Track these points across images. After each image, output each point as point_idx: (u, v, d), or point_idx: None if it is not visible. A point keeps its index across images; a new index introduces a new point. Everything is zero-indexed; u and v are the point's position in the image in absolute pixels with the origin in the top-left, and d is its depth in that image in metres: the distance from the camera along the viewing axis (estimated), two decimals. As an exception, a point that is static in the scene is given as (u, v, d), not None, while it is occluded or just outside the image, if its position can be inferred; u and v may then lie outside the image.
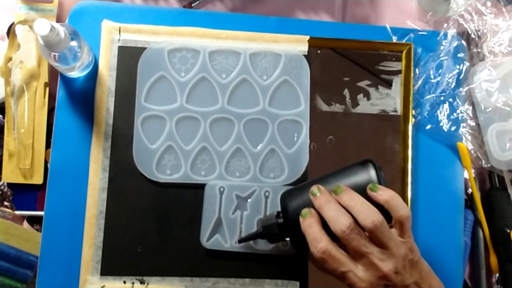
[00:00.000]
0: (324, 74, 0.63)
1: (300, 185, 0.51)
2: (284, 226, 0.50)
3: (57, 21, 0.63)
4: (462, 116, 0.64)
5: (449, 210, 0.62)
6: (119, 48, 0.61)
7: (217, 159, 0.60)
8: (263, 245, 0.59)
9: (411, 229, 0.47)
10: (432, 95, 0.64)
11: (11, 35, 0.61)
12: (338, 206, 0.46)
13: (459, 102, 0.64)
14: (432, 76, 0.64)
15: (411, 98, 0.63)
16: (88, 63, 0.59)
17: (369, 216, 0.44)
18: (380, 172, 0.48)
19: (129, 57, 0.61)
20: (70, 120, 0.60)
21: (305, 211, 0.47)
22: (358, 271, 0.45)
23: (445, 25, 0.65)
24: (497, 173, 0.64)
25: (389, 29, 0.65)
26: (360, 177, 0.48)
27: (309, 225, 0.46)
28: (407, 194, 0.61)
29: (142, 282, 0.58)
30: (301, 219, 0.47)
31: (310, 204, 0.47)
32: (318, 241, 0.45)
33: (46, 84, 0.62)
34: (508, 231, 0.62)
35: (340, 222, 0.44)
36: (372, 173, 0.47)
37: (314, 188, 0.48)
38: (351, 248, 0.45)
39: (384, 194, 0.46)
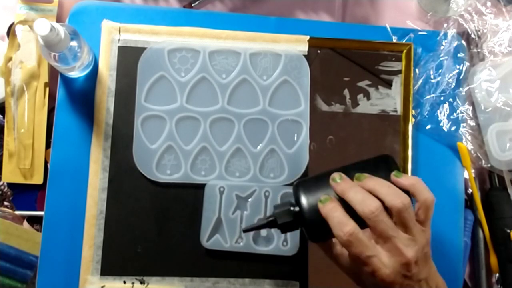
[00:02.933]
0: (324, 74, 0.63)
1: (314, 176, 0.49)
2: (299, 214, 0.47)
3: (57, 21, 0.63)
4: (462, 116, 0.64)
5: (449, 210, 0.62)
6: (119, 48, 0.61)
7: (217, 159, 0.61)
8: (263, 245, 0.59)
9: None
10: (432, 95, 0.64)
11: (11, 35, 0.61)
12: (364, 190, 0.45)
13: (459, 102, 0.64)
14: (432, 76, 0.64)
15: (411, 98, 0.63)
16: (88, 63, 0.59)
17: (398, 197, 0.44)
18: (398, 166, 0.48)
19: (129, 57, 0.61)
20: (70, 120, 0.60)
21: (324, 197, 0.46)
22: (382, 257, 0.43)
23: (445, 25, 0.65)
24: (497, 173, 0.64)
25: (389, 29, 0.65)
26: (381, 168, 0.47)
27: (332, 209, 0.45)
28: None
29: (142, 282, 0.58)
30: (320, 205, 0.45)
31: (328, 193, 0.46)
32: (344, 224, 0.43)
33: (46, 84, 0.62)
34: (508, 231, 0.62)
35: (368, 203, 0.43)
36: (393, 164, 0.47)
37: (336, 175, 0.47)
38: (378, 231, 0.43)
39: (410, 179, 0.46)
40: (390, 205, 0.43)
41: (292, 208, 0.48)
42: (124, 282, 0.58)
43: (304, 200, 0.47)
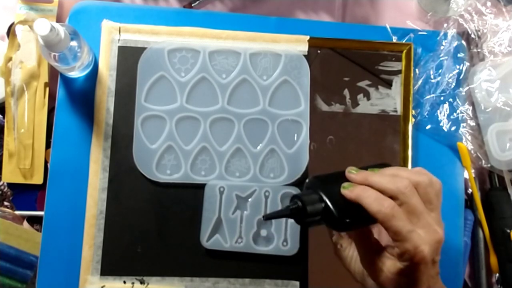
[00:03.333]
0: (324, 74, 0.63)
1: (322, 175, 0.47)
2: (326, 206, 0.43)
3: (57, 21, 0.63)
4: (462, 116, 0.64)
5: (449, 210, 0.62)
6: (119, 48, 0.61)
7: (217, 159, 0.60)
8: (263, 245, 0.59)
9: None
10: (432, 95, 0.64)
11: (11, 35, 0.61)
12: (387, 173, 0.44)
13: (459, 102, 0.64)
14: (432, 76, 0.64)
15: (411, 98, 0.63)
16: (88, 63, 0.59)
17: (422, 173, 0.44)
18: None
19: (129, 57, 0.61)
20: (70, 120, 0.60)
21: (347, 183, 0.44)
22: (421, 232, 0.42)
23: (445, 25, 0.65)
24: (497, 173, 0.64)
25: (389, 29, 0.65)
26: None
27: (363, 190, 0.43)
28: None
29: (142, 282, 0.58)
30: (346, 191, 0.43)
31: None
32: (383, 199, 0.42)
33: (46, 84, 0.62)
34: (508, 231, 0.62)
35: (398, 181, 0.42)
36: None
37: (351, 168, 0.45)
38: (412, 207, 0.42)
39: (414, 168, 0.46)
40: (416, 181, 0.43)
41: (321, 196, 0.44)
42: (124, 282, 0.58)
43: (326, 189, 0.44)
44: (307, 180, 0.47)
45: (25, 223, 0.61)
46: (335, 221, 0.43)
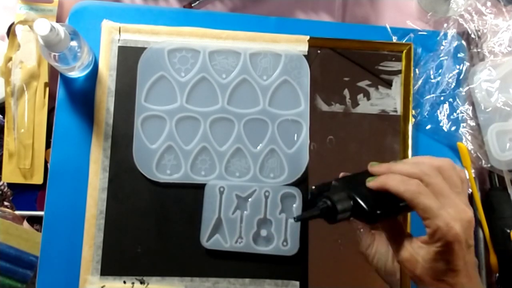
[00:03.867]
0: (324, 74, 0.63)
1: (347, 175, 0.48)
2: (355, 201, 0.45)
3: (57, 21, 0.63)
4: (462, 116, 0.64)
5: (449, 210, 0.62)
6: (119, 48, 0.61)
7: (217, 159, 0.60)
8: (263, 245, 0.59)
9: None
10: (432, 95, 0.64)
11: (11, 35, 0.61)
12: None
13: (459, 102, 0.64)
14: (432, 76, 0.64)
15: (411, 98, 0.63)
16: (88, 63, 0.59)
17: (442, 159, 0.44)
18: None
19: (129, 57, 0.61)
20: (70, 120, 0.60)
21: (370, 178, 0.45)
22: (450, 211, 0.41)
23: (445, 25, 0.65)
24: (497, 173, 0.64)
25: (389, 29, 0.65)
26: None
27: (387, 177, 0.44)
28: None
29: (142, 282, 0.58)
30: (371, 183, 0.44)
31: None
32: (408, 179, 0.42)
33: (46, 84, 0.62)
34: (508, 231, 0.62)
35: (421, 166, 0.43)
36: None
37: (372, 163, 0.46)
38: (438, 186, 0.42)
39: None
40: (438, 165, 0.43)
41: (352, 196, 0.45)
42: (124, 282, 0.58)
43: (352, 187, 0.45)
44: (333, 182, 0.47)
45: (25, 223, 0.61)
46: (366, 215, 0.44)
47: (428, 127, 0.63)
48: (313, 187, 0.49)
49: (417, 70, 0.64)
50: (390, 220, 0.46)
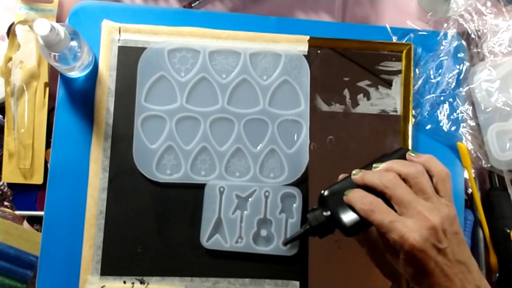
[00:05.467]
0: (324, 74, 0.63)
1: (337, 182, 0.51)
2: (331, 216, 0.49)
3: (57, 21, 0.63)
4: (462, 116, 0.64)
5: (449, 210, 0.62)
6: (119, 48, 0.61)
7: (217, 159, 0.60)
8: (263, 245, 0.59)
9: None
10: (432, 95, 0.64)
11: (11, 35, 0.61)
12: (380, 171, 0.47)
13: (459, 102, 0.64)
14: (432, 76, 0.64)
15: (411, 98, 0.63)
16: (88, 63, 0.59)
17: (411, 165, 0.46)
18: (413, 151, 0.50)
19: (129, 57, 0.61)
20: (70, 120, 0.60)
21: (347, 191, 0.48)
22: (406, 221, 0.43)
23: (445, 25, 0.65)
24: (497, 173, 0.64)
25: (389, 29, 0.65)
26: (396, 156, 0.50)
27: (354, 192, 0.47)
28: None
29: (142, 282, 0.58)
30: (345, 198, 0.48)
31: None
32: (364, 196, 0.46)
33: (46, 84, 0.62)
34: (508, 231, 0.62)
35: (384, 175, 0.46)
36: (408, 150, 0.50)
37: (355, 170, 0.49)
38: (398, 198, 0.44)
39: (423, 156, 0.48)
40: (405, 173, 0.45)
41: (324, 213, 0.50)
42: (124, 282, 0.58)
43: (331, 200, 0.49)
44: (321, 193, 0.51)
45: (25, 223, 0.61)
46: (342, 229, 0.48)
47: (428, 127, 0.63)
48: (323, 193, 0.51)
49: (417, 70, 0.64)
50: (367, 237, 0.51)
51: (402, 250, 0.43)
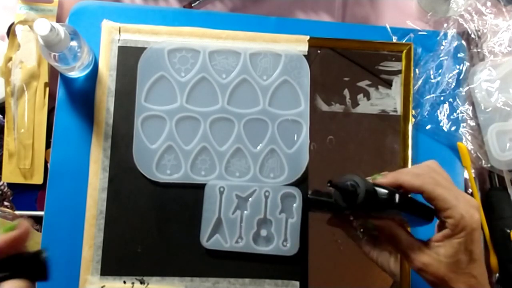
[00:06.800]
0: (324, 74, 0.63)
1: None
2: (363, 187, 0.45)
3: (57, 21, 0.63)
4: (462, 116, 0.64)
5: (449, 210, 0.62)
6: (119, 48, 0.61)
7: (217, 159, 0.60)
8: (263, 245, 0.59)
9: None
10: (432, 95, 0.64)
11: (11, 35, 0.61)
12: None
13: (459, 102, 0.64)
14: (432, 76, 0.64)
15: (411, 98, 0.63)
16: (88, 63, 0.59)
17: (429, 161, 0.46)
18: None
19: (129, 57, 0.61)
20: (70, 120, 0.60)
21: (376, 175, 0.46)
22: (463, 200, 0.43)
23: (445, 25, 0.65)
24: (497, 173, 0.64)
25: (389, 29, 0.65)
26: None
27: (398, 173, 0.45)
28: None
29: (142, 282, 0.58)
30: (380, 179, 0.45)
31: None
32: (420, 174, 0.44)
33: (46, 84, 0.62)
34: (508, 231, 0.62)
35: (419, 167, 0.45)
36: None
37: (375, 175, 0.47)
38: (444, 184, 0.43)
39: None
40: (432, 167, 0.45)
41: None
42: (124, 282, 0.58)
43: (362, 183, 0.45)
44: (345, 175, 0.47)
45: (25, 223, 0.61)
46: (384, 201, 0.44)
47: (428, 127, 0.63)
48: (310, 192, 0.49)
49: (417, 70, 0.64)
50: (397, 233, 0.46)
51: (468, 228, 0.41)
